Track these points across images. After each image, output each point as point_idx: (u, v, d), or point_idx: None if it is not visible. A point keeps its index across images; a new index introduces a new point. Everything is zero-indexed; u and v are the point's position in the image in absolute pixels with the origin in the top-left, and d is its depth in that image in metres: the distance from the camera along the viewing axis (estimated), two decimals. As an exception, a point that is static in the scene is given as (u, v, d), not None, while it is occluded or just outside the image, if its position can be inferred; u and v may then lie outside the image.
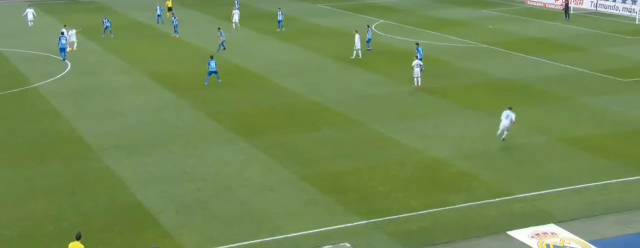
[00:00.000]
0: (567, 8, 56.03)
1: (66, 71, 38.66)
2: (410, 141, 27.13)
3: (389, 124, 29.26)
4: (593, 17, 57.30)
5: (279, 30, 50.47)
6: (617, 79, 36.97)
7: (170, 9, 55.21)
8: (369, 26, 45.03)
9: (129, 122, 29.80)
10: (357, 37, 41.24)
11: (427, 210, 21.07)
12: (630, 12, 57.33)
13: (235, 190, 22.67)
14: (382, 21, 54.89)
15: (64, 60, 40.37)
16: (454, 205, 21.46)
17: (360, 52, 41.20)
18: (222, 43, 43.02)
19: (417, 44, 38.59)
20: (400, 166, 24.72)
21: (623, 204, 21.50)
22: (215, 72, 35.57)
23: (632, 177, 23.57)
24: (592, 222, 20.28)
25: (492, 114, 30.54)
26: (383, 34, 49.54)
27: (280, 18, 50.65)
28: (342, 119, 30.11)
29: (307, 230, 19.74)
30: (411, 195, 22.29)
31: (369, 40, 43.37)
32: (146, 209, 21.18)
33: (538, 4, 63.94)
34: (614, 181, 23.24)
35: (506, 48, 44.61)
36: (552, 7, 62.42)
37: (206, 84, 35.49)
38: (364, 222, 20.37)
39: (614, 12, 58.93)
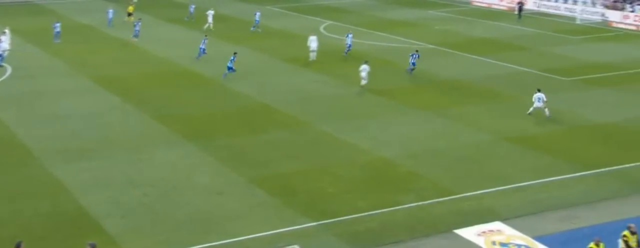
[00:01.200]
0: (521, 8, 57.21)
1: (6, 75, 37.57)
2: (359, 141, 27.20)
3: (338, 124, 29.29)
4: (536, 17, 58.50)
5: (254, 29, 50.84)
6: (559, 77, 37.80)
7: (130, 14, 53.73)
8: (350, 31, 44.76)
9: (72, 126, 29.09)
10: (311, 38, 41.17)
11: (376, 210, 21.14)
12: (571, 11, 58.75)
13: (183, 194, 22.34)
14: (330, 22, 54.99)
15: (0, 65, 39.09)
16: (402, 204, 21.58)
17: (313, 54, 41.04)
18: (203, 50, 41.33)
19: (417, 51, 38.19)
20: (349, 167, 24.76)
21: (565, 200, 21.97)
22: (230, 68, 36.28)
23: (574, 173, 24.11)
24: (536, 219, 20.66)
25: (440, 114, 30.90)
26: (331, 35, 49.62)
27: (257, 19, 51.31)
28: (291, 120, 30.01)
29: (255, 233, 19.59)
30: (360, 195, 22.33)
31: (350, 46, 42.82)
32: (90, 215, 20.69)
33: (483, 4, 65.00)
34: (557, 178, 23.73)
35: (452, 48, 45.17)
36: (496, 7, 63.53)
37: (223, 78, 36.37)
38: (313, 223, 20.31)
39: (556, 12, 60.31)
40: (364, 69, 34.78)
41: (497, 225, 20.06)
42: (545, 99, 30.06)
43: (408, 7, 63.22)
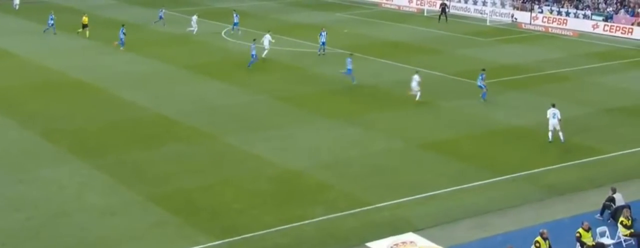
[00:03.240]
0: (444, 10, 58.77)
1: None
2: (265, 153, 27.16)
3: (242, 135, 29.16)
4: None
5: (233, 31, 51.56)
6: (470, 81, 38.97)
7: (85, 26, 50.83)
8: (323, 28, 45.59)
9: (-56, 145, 27.73)
10: (266, 36, 42.65)
11: (284, 225, 21.16)
12: (481, 13, 60.90)
13: (72, 216, 21.68)
14: (231, 27, 54.69)
15: None
16: (312, 218, 21.69)
17: (266, 52, 41.99)
18: (253, 56, 40.74)
19: (483, 70, 35.82)
20: (255, 180, 24.69)
21: (478, 207, 22.65)
22: (350, 70, 37.16)
23: (487, 179, 24.90)
24: (450, 228, 21.21)
25: (350, 121, 31.27)
26: (233, 40, 49.43)
27: (235, 20, 52.04)
28: (192, 133, 29.65)
29: (154, 255, 19.24)
30: (267, 210, 22.29)
31: (323, 43, 44.26)
32: (-34, 244, 19.74)
33: (392, 7, 66.41)
34: (470, 185, 24.45)
35: (362, 52, 45.80)
36: (406, 9, 65.06)
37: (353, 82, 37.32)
38: (217, 242, 20.14)
39: (466, 13, 62.36)
40: (414, 79, 33.55)
41: (410, 236, 20.41)
42: (560, 116, 28.20)
43: (315, 10, 63.79)
